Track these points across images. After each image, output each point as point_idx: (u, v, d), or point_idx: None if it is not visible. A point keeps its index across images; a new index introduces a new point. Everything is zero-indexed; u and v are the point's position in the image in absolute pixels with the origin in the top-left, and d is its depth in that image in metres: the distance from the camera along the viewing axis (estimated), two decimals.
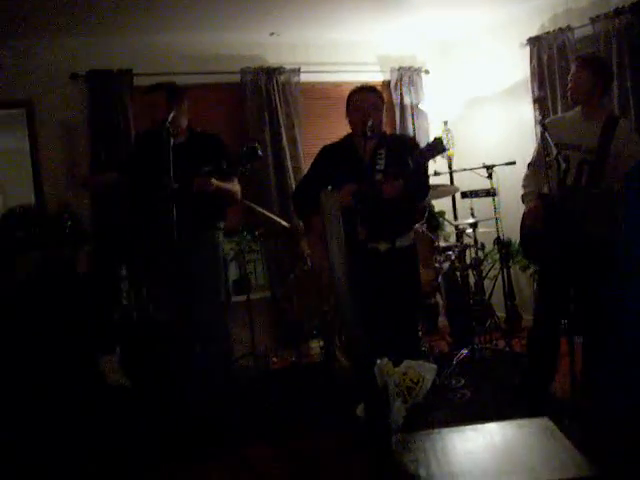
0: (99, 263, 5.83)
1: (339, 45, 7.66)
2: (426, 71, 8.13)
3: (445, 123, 7.70)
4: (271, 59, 7.38)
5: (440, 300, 6.88)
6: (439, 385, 5.27)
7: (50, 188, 6.50)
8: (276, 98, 7.30)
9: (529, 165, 5.07)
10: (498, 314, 6.89)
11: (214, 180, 4.70)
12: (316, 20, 6.92)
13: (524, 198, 4.96)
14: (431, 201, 6.87)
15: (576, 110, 4.88)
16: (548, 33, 6.76)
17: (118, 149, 6.42)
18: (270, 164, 7.22)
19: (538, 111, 6.64)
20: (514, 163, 6.09)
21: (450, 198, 7.59)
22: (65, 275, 5.64)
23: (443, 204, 7.53)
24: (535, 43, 6.90)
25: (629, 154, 4.53)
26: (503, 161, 6.39)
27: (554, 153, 4.34)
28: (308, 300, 6.27)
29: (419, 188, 4.63)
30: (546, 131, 4.49)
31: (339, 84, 7.63)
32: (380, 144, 4.68)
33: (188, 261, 4.60)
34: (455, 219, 7.52)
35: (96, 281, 5.70)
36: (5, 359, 5.04)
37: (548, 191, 4.79)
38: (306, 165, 7.20)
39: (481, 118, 7.89)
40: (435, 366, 3.12)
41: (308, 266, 6.45)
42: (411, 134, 7.72)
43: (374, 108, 4.68)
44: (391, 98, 7.90)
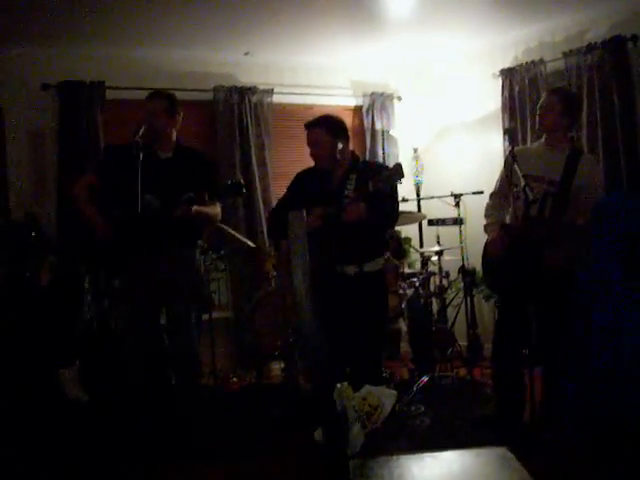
0: (62, 275, 5.77)
1: (312, 68, 7.69)
2: (399, 98, 8.17)
3: (415, 150, 7.75)
4: (244, 79, 7.38)
5: (403, 326, 6.87)
6: (399, 411, 5.25)
7: (16, 198, 6.43)
8: (248, 118, 7.29)
9: (491, 195, 5.11)
10: (460, 342, 6.89)
11: (195, 207, 4.69)
12: (290, 42, 6.94)
13: (486, 228, 4.99)
14: (395, 228, 6.87)
15: (540, 141, 4.93)
16: (521, 65, 6.85)
17: (86, 161, 6.36)
18: None
19: (507, 142, 6.69)
20: (482, 193, 6.11)
21: (417, 225, 7.61)
22: (27, 286, 5.58)
23: (410, 231, 7.55)
24: (507, 74, 6.98)
25: (592, 188, 4.58)
26: (471, 190, 6.43)
27: (522, 184, 4.37)
28: (271, 321, 6.24)
29: (383, 212, 4.63)
30: (515, 162, 4.52)
31: (311, 106, 7.66)
32: (351, 170, 4.70)
33: (167, 277, 4.59)
34: (421, 246, 7.54)
35: (58, 293, 5.65)
36: None
37: (510, 221, 4.82)
38: (275, 185, 7.25)
39: (451, 146, 7.94)
40: (395, 392, 3.10)
41: (272, 287, 6.43)
42: (380, 160, 7.74)
43: (318, 143, 4.73)
44: (362, 123, 7.93)
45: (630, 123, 6.02)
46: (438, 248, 6.53)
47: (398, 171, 4.33)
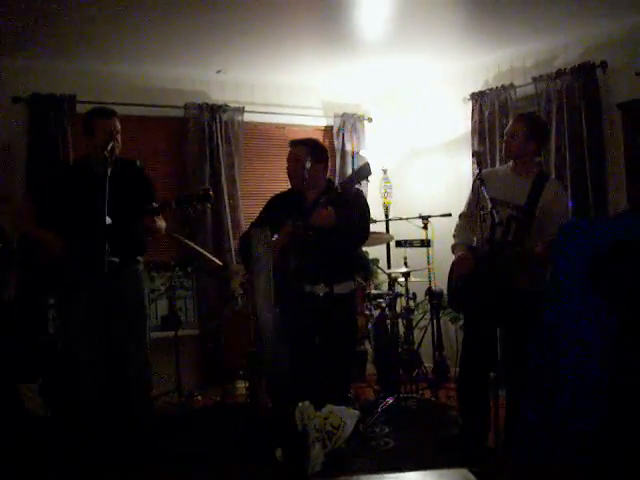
0: (26, 289, 5.72)
1: (284, 87, 7.71)
2: (369, 119, 8.22)
3: (385, 171, 7.77)
4: (215, 96, 7.39)
5: (369, 348, 6.87)
6: (363, 432, 5.24)
7: None
8: (218, 136, 7.29)
9: (460, 216, 5.14)
10: (426, 364, 6.90)
11: (157, 220, 4.72)
12: (262, 61, 6.95)
13: (454, 248, 5.01)
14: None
15: (508, 165, 4.96)
16: (491, 89, 6.91)
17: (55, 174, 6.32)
18: None
19: (476, 164, 6.74)
20: (450, 215, 6.14)
21: (385, 246, 7.62)
22: None
23: (377, 252, 7.56)
24: (478, 98, 7.05)
25: (556, 213, 4.62)
26: (439, 212, 6.46)
27: (489, 207, 4.40)
28: (237, 340, 6.22)
29: (352, 220, 4.63)
30: (482, 184, 4.55)
31: (282, 126, 7.69)
32: (324, 193, 4.70)
33: (114, 294, 4.55)
34: (388, 267, 7.55)
35: (23, 308, 5.59)
36: None
37: (477, 243, 4.85)
38: (244, 204, 7.23)
39: (420, 168, 7.97)
40: (357, 412, 3.09)
41: (239, 306, 6.42)
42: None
43: (299, 161, 4.75)
44: (333, 144, 7.95)
45: (598, 148, 6.08)
46: (405, 270, 6.54)
47: (366, 168, 4.37)
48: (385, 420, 5.68)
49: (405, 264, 6.67)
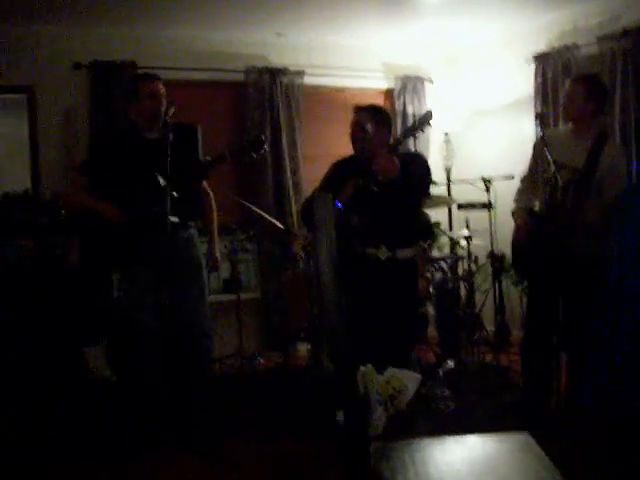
0: (90, 254, 5.81)
1: (343, 49, 7.65)
2: (430, 81, 8.13)
3: (446, 134, 7.71)
4: (274, 60, 7.37)
5: (431, 310, 6.86)
6: (424, 395, 5.25)
7: (47, 176, 6.45)
8: (278, 99, 7.29)
9: (522, 179, 5.08)
10: (487, 328, 6.87)
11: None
12: (321, 23, 6.91)
13: (514, 213, 4.97)
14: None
15: (568, 127, 4.89)
16: (554, 50, 6.77)
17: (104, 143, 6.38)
18: (269, 165, 7.20)
19: (539, 127, 6.64)
20: (512, 178, 6.06)
21: (446, 209, 7.59)
22: (56, 265, 5.63)
23: (439, 214, 7.52)
24: (541, 60, 6.91)
25: (615, 176, 4.53)
26: (501, 175, 6.38)
27: (552, 170, 4.35)
28: (298, 303, 6.26)
29: (416, 173, 4.58)
30: (546, 147, 4.49)
31: (342, 89, 7.65)
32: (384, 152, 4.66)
33: (173, 258, 4.58)
34: (450, 230, 7.51)
35: (87, 272, 5.68)
36: None
37: (539, 207, 4.79)
38: (305, 168, 7.26)
39: (482, 131, 7.89)
40: (419, 376, 3.12)
41: (300, 269, 6.44)
42: (411, 142, 7.69)
43: (359, 126, 4.70)
44: (394, 106, 7.90)
45: None
46: (467, 233, 6.50)
47: (427, 116, 4.34)
48: (446, 383, 5.68)
49: (467, 227, 6.63)
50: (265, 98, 7.26)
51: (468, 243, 6.52)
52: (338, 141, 4.96)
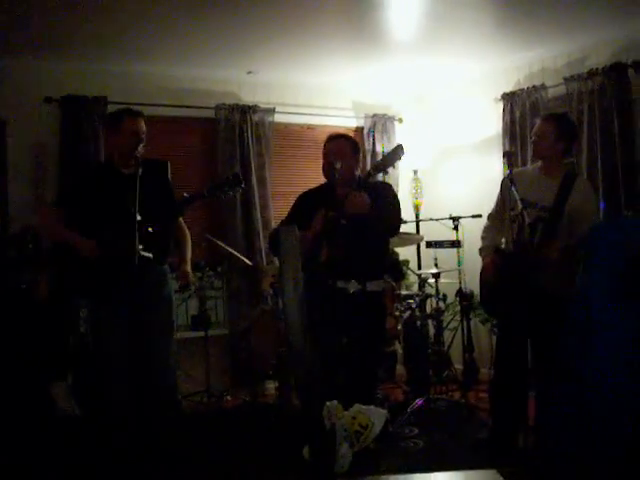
0: (58, 288, 5.76)
1: (315, 88, 7.70)
2: (400, 120, 8.20)
3: (415, 172, 7.76)
4: (246, 97, 7.40)
5: (399, 348, 6.86)
6: (392, 433, 5.23)
7: (15, 209, 6.39)
8: (249, 136, 7.30)
9: (489, 216, 5.12)
10: (456, 366, 6.87)
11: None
12: (293, 61, 6.95)
13: (481, 251, 5.00)
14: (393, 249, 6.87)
15: (537, 165, 4.93)
16: (522, 90, 6.87)
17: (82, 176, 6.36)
18: (237, 201, 7.18)
19: (507, 165, 6.69)
20: (480, 216, 6.11)
21: (415, 247, 7.61)
22: (22, 299, 5.58)
23: (407, 252, 7.54)
24: (509, 99, 7.00)
25: (585, 213, 4.58)
26: (470, 213, 6.42)
27: (519, 208, 4.37)
28: (266, 340, 6.24)
29: (386, 207, 4.59)
30: (513, 185, 4.52)
31: (313, 127, 7.69)
32: (354, 189, 4.66)
33: (144, 294, 4.55)
34: (419, 268, 7.53)
35: (55, 307, 5.64)
36: None
37: (506, 245, 4.82)
38: (274, 204, 7.26)
39: (451, 169, 7.95)
40: (385, 412, 3.08)
41: (269, 306, 6.43)
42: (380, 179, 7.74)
43: (341, 154, 4.69)
44: (363, 144, 7.94)
45: (629, 148, 6.01)
46: (436, 270, 6.51)
47: (398, 151, 4.38)
48: (414, 421, 5.67)
49: (435, 265, 6.65)
50: (235, 135, 7.28)
51: (436, 281, 6.53)
52: (307, 178, 5.00)
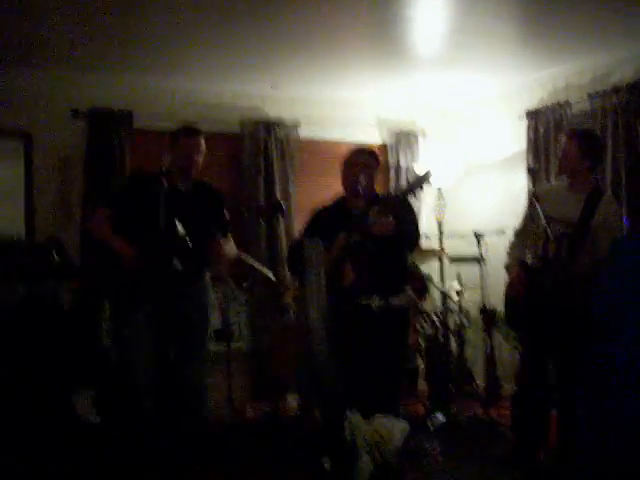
0: (83, 299, 5.81)
1: (339, 103, 7.71)
2: (423, 135, 8.20)
3: (439, 189, 7.75)
4: (271, 111, 7.44)
5: (421, 363, 6.85)
6: (413, 448, 5.22)
7: (41, 221, 6.46)
8: (273, 152, 7.35)
9: (515, 233, 5.11)
10: (478, 381, 6.85)
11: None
12: (318, 76, 7.00)
13: (507, 267, 4.99)
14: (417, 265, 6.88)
15: (563, 181, 4.93)
16: (546, 107, 6.86)
17: (112, 189, 6.41)
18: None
19: (531, 182, 6.69)
20: (504, 232, 6.10)
21: (438, 262, 7.60)
22: (47, 310, 5.62)
23: (431, 268, 7.53)
24: (533, 116, 6.99)
25: (611, 230, 4.57)
26: (493, 229, 6.42)
27: (543, 224, 4.38)
28: (289, 353, 6.25)
29: (409, 226, 4.65)
30: (537, 202, 4.53)
31: (337, 143, 7.68)
32: (372, 202, 4.69)
33: (183, 309, 4.61)
34: (442, 283, 7.52)
35: (78, 317, 5.68)
36: None
37: (531, 261, 4.81)
38: (298, 220, 7.26)
39: (474, 186, 7.94)
40: (406, 424, 3.10)
41: (291, 320, 6.44)
42: None
43: (364, 167, 4.74)
44: (387, 160, 7.96)
45: None
46: (459, 287, 6.51)
47: (426, 176, 4.46)
48: (436, 437, 5.65)
49: (458, 280, 6.65)
50: (260, 150, 7.32)
51: (459, 297, 6.52)
52: (331, 193, 4.99)
